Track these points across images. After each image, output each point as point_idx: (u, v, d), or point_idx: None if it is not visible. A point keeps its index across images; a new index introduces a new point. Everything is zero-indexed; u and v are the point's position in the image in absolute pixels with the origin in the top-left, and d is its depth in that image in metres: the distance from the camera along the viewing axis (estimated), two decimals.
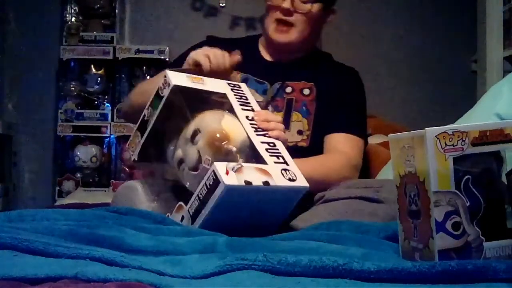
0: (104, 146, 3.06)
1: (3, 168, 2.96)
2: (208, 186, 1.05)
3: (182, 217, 1.10)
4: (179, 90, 1.17)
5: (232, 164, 1.06)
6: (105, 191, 2.87)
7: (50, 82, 3.10)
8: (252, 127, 1.20)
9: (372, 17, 3.14)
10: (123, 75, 3.06)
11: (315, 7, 1.52)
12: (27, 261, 0.74)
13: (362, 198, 1.29)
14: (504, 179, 0.81)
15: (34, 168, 3.12)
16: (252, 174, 1.07)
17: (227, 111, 1.23)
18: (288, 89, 1.57)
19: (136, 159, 1.23)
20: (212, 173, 1.04)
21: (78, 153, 2.99)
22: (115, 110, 2.98)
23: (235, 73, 1.51)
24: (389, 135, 0.90)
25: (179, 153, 1.18)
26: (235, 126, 1.18)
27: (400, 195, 0.87)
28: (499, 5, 2.48)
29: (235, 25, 3.09)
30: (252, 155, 1.16)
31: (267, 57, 1.63)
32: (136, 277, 0.67)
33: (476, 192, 0.79)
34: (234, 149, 1.13)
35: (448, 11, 3.14)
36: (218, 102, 1.24)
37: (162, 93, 1.19)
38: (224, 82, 1.29)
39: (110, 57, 2.97)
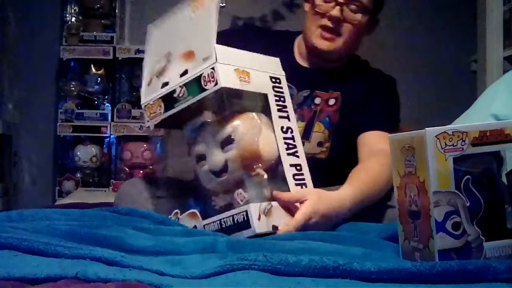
0: (104, 146, 3.06)
1: (3, 168, 2.96)
2: (236, 221, 1.06)
3: (195, 227, 1.11)
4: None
5: (264, 205, 1.06)
6: (105, 191, 2.87)
7: (50, 82, 3.10)
8: (285, 143, 1.16)
9: None
10: (123, 75, 3.06)
11: (365, 18, 1.47)
12: (27, 261, 0.74)
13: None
14: (504, 179, 0.81)
15: (34, 168, 3.12)
16: (279, 219, 1.08)
17: (264, 118, 1.16)
18: (317, 100, 1.50)
19: (152, 128, 1.18)
20: (245, 213, 1.05)
21: (78, 153, 2.99)
22: (115, 110, 2.98)
23: None
24: (389, 135, 0.90)
25: (201, 148, 1.14)
26: (270, 145, 1.14)
27: (400, 195, 0.87)
28: (499, 5, 2.48)
29: (235, 25, 3.09)
30: (277, 173, 1.14)
31: (300, 60, 1.56)
32: (136, 277, 0.67)
33: (476, 192, 0.79)
34: (265, 176, 1.10)
35: (448, 11, 3.14)
36: (258, 99, 1.18)
37: (205, 86, 1.10)
38: (268, 75, 1.20)
39: (110, 57, 2.97)
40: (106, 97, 3.06)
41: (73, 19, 3.07)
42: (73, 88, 3.01)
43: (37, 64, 3.08)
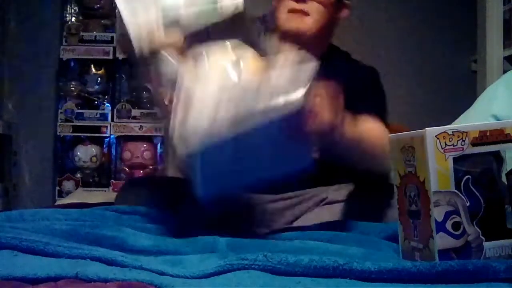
0: (104, 146, 3.06)
1: (3, 168, 2.96)
2: None
3: None
4: None
5: None
6: (105, 191, 2.87)
7: (50, 82, 3.09)
8: None
9: (372, 16, 3.14)
10: (123, 75, 3.06)
11: None
12: (27, 261, 0.74)
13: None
14: (504, 179, 0.81)
15: (34, 168, 3.12)
16: None
17: None
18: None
19: None
20: None
21: (78, 153, 2.99)
22: (115, 110, 2.98)
23: None
24: (389, 135, 0.90)
25: None
26: None
27: (400, 195, 0.87)
28: (499, 5, 2.48)
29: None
30: None
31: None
32: (136, 277, 0.67)
33: (476, 192, 0.79)
34: None
35: (448, 11, 3.14)
36: None
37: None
38: None
39: (110, 57, 2.97)
40: (106, 97, 3.06)
41: (73, 19, 3.07)
42: (73, 88, 3.01)
43: (37, 64, 3.08)
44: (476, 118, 1.38)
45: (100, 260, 0.76)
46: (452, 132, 0.78)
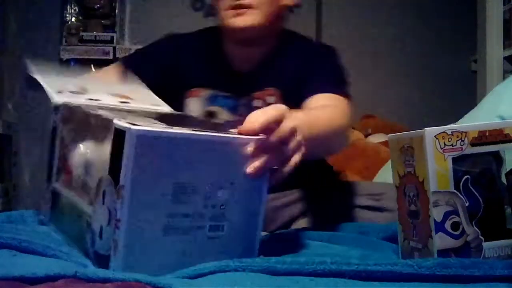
0: None
1: (3, 168, 2.96)
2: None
3: None
4: None
5: None
6: None
7: None
8: None
9: (372, 16, 3.14)
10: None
11: None
12: (26, 261, 0.74)
13: (361, 207, 1.29)
14: (503, 179, 0.81)
15: (34, 168, 3.12)
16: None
17: None
18: (256, 103, 1.33)
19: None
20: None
21: None
22: None
23: (200, 91, 1.34)
24: (388, 135, 0.90)
25: None
26: None
27: (399, 196, 0.87)
28: (499, 5, 2.48)
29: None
30: None
31: (233, 59, 1.38)
32: (135, 277, 0.67)
33: (475, 192, 0.79)
34: None
35: (448, 11, 3.14)
36: None
37: None
38: None
39: (110, 57, 2.97)
40: None
41: (73, 19, 3.07)
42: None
43: (37, 64, 3.07)
44: (482, 118, 1.38)
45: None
46: (451, 132, 0.78)
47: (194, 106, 1.33)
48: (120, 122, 0.71)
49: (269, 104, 1.24)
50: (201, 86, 1.33)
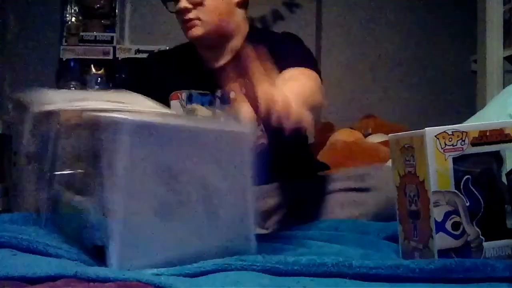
0: None
1: (3, 168, 2.96)
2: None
3: None
4: None
5: None
6: None
7: (50, 82, 3.09)
8: None
9: (372, 16, 3.14)
10: (123, 75, 3.06)
11: None
12: (26, 260, 0.74)
13: (348, 190, 1.30)
14: (504, 179, 0.81)
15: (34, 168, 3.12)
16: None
17: None
18: (231, 94, 1.38)
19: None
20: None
21: None
22: None
23: (179, 93, 1.45)
24: (389, 135, 0.90)
25: None
26: None
27: (400, 195, 0.87)
28: (499, 5, 2.48)
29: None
30: None
31: (206, 61, 1.51)
32: (135, 277, 0.67)
33: (476, 192, 0.79)
34: None
35: (448, 11, 3.14)
36: None
37: None
38: None
39: (110, 57, 2.97)
40: None
41: (73, 19, 3.06)
42: (73, 88, 3.01)
43: (37, 64, 3.08)
44: (491, 117, 1.37)
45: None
46: (452, 132, 0.78)
47: (175, 107, 1.43)
48: (109, 114, 0.72)
49: (244, 94, 1.26)
50: (178, 89, 1.45)
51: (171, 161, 0.74)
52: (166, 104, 1.40)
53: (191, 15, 1.43)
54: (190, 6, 1.42)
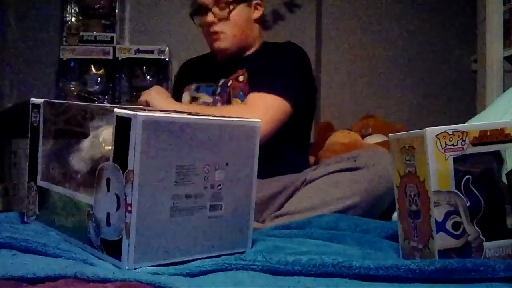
0: None
1: (3, 168, 2.96)
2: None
3: None
4: None
5: None
6: None
7: (50, 82, 3.09)
8: None
9: (372, 17, 3.13)
10: (123, 75, 3.06)
11: (236, 8, 1.62)
12: (26, 260, 0.74)
13: (340, 171, 1.33)
14: (504, 179, 0.81)
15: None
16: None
17: None
18: (230, 82, 1.64)
19: None
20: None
21: None
22: None
23: (189, 86, 1.70)
24: (389, 135, 0.90)
25: None
26: None
27: (400, 195, 0.87)
28: (499, 5, 2.48)
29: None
30: None
31: (221, 67, 1.71)
32: (135, 277, 0.67)
33: (476, 192, 0.79)
34: None
35: (448, 11, 3.14)
36: None
37: None
38: None
39: (110, 57, 2.97)
40: (106, 97, 3.05)
41: (73, 19, 3.06)
42: (73, 88, 3.01)
43: (37, 64, 3.07)
44: (495, 117, 1.37)
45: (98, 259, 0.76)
46: (452, 132, 0.78)
47: (185, 97, 1.70)
48: (123, 110, 0.75)
49: (240, 82, 1.62)
50: (191, 83, 1.71)
51: (181, 155, 0.77)
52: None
53: (217, 28, 1.62)
54: (216, 20, 1.61)
